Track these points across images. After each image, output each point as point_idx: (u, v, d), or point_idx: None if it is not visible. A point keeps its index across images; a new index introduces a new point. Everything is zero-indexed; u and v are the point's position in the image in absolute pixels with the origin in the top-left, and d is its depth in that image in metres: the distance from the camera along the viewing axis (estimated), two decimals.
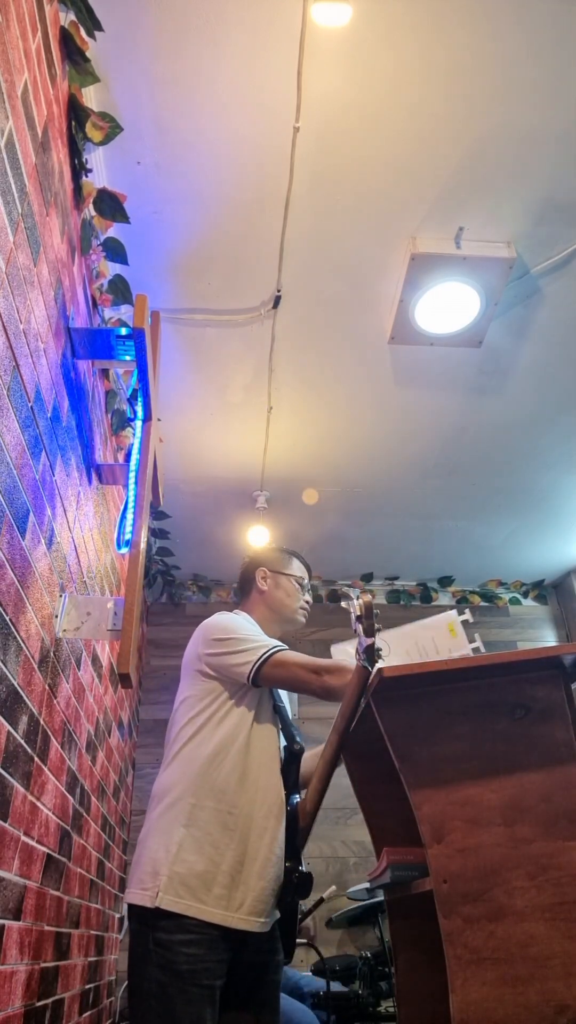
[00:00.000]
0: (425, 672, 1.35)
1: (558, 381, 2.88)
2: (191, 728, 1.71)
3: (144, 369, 1.94)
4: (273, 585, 2.00)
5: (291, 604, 1.98)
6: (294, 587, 2.00)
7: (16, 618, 1.41)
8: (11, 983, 1.45)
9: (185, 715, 1.75)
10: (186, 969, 1.47)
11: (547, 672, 1.34)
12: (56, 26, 1.62)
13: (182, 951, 1.48)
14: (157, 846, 1.58)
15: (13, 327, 1.33)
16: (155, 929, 1.50)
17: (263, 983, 1.64)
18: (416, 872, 1.40)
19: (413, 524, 3.93)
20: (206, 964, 1.49)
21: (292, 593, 2.00)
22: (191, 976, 1.47)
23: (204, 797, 1.61)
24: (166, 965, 1.47)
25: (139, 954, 1.52)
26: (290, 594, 1.99)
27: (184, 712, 1.76)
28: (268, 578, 2.01)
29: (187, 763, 1.66)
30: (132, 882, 1.58)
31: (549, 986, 1.14)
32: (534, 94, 1.92)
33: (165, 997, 1.46)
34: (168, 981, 1.46)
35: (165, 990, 1.46)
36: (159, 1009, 1.46)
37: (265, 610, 1.98)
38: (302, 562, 2.08)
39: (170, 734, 1.78)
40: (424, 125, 1.98)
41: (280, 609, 1.98)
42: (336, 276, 2.42)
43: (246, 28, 1.77)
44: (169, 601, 4.39)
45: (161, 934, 1.49)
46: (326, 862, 3.76)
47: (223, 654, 1.73)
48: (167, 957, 1.48)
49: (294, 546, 3.91)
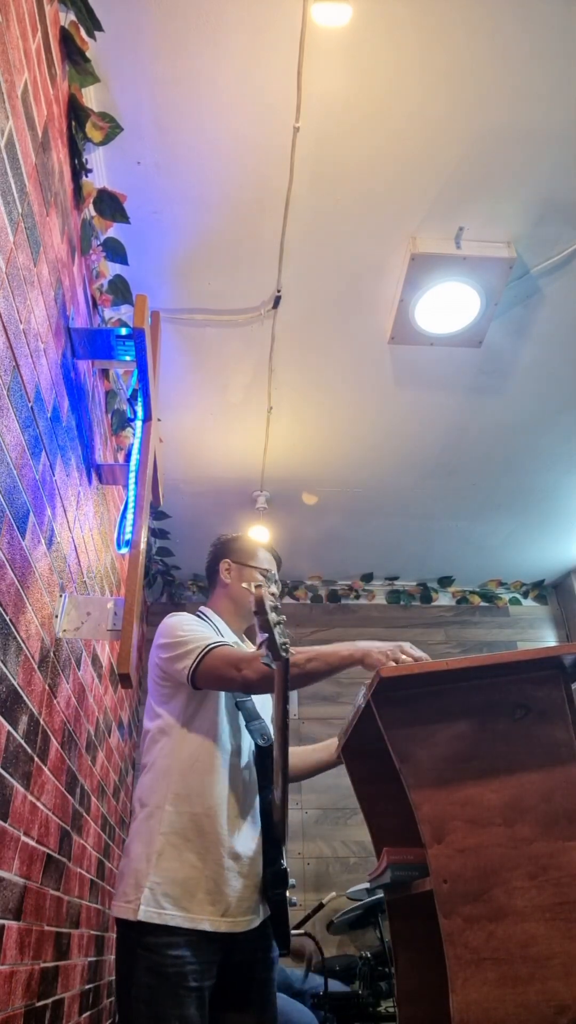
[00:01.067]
0: (425, 672, 1.35)
1: (558, 381, 2.88)
2: (160, 735, 1.71)
3: (144, 369, 1.94)
4: (237, 577, 1.92)
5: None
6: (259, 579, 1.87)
7: (16, 618, 1.41)
8: (11, 983, 1.45)
9: (152, 722, 1.74)
10: (173, 972, 1.47)
11: (547, 672, 1.34)
12: (56, 26, 1.62)
13: (168, 953, 1.48)
14: (139, 856, 1.58)
15: (13, 327, 1.33)
16: (142, 934, 1.50)
17: (255, 981, 1.64)
18: (416, 872, 1.40)
19: (413, 524, 3.93)
20: (193, 966, 1.49)
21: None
22: (178, 978, 1.47)
23: (179, 803, 1.61)
24: (153, 968, 1.47)
25: (126, 959, 1.52)
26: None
27: (151, 718, 1.75)
28: (232, 570, 1.94)
29: (160, 770, 1.66)
30: (117, 894, 1.58)
31: (549, 986, 1.14)
32: (534, 94, 1.92)
33: (153, 1001, 1.46)
34: (156, 984, 1.46)
35: (153, 994, 1.46)
36: (148, 1012, 1.45)
37: (229, 603, 1.92)
38: (270, 552, 1.99)
39: (143, 742, 1.77)
40: (424, 125, 1.98)
41: (244, 602, 1.89)
42: (336, 276, 2.42)
43: (246, 28, 1.77)
44: (169, 601, 4.39)
45: (148, 938, 1.50)
46: (326, 862, 3.75)
47: (168, 659, 1.71)
48: (154, 960, 1.48)
49: (294, 546, 3.93)
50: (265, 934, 1.67)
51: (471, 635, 4.50)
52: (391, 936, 1.68)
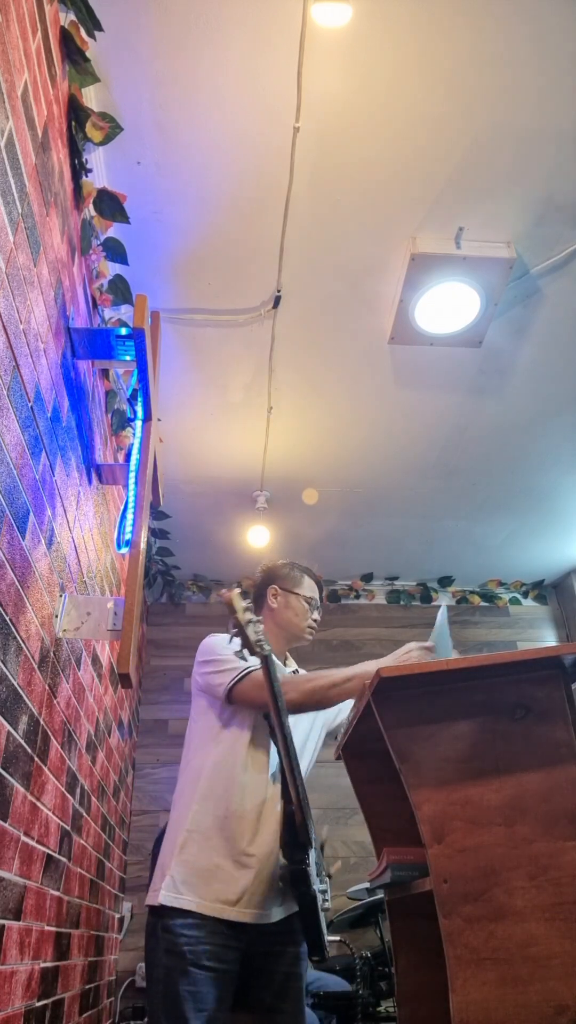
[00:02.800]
0: (425, 672, 1.35)
1: (558, 381, 2.88)
2: (195, 741, 1.88)
3: (144, 369, 1.95)
4: (283, 604, 2.05)
5: (299, 624, 2.03)
6: (303, 607, 2.04)
7: (16, 618, 1.41)
8: (11, 983, 1.45)
9: (190, 729, 1.92)
10: (188, 950, 1.60)
11: (547, 672, 1.34)
12: (56, 26, 1.62)
13: (183, 933, 1.62)
14: (167, 850, 1.76)
15: (13, 327, 1.33)
16: (162, 917, 1.66)
17: (276, 974, 1.73)
18: (416, 872, 1.40)
19: (413, 524, 3.93)
20: (207, 946, 1.61)
21: (301, 613, 2.04)
22: (193, 956, 1.59)
23: (205, 802, 1.76)
24: (170, 948, 1.61)
25: (151, 944, 1.67)
26: (299, 614, 2.04)
27: (190, 727, 1.93)
28: (279, 596, 2.06)
29: (192, 773, 1.82)
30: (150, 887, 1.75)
31: (549, 986, 1.14)
32: (534, 94, 1.92)
33: (169, 979, 1.58)
34: (173, 964, 1.59)
35: (170, 973, 1.59)
36: (164, 991, 1.57)
37: (274, 627, 2.04)
38: (313, 579, 2.12)
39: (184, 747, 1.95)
40: (424, 125, 1.98)
41: (288, 627, 2.04)
42: (336, 276, 2.42)
43: (246, 28, 1.77)
44: (169, 601, 4.39)
45: (167, 920, 1.64)
46: (327, 862, 3.75)
47: (206, 674, 1.87)
48: (171, 940, 1.62)
49: (294, 546, 3.93)
50: (290, 931, 1.75)
51: (471, 635, 4.50)
52: (391, 936, 1.68)
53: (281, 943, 1.75)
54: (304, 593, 2.06)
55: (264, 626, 2.01)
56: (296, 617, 2.03)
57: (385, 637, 4.32)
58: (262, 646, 1.61)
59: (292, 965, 1.75)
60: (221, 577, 4.37)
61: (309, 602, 2.05)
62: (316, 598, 2.09)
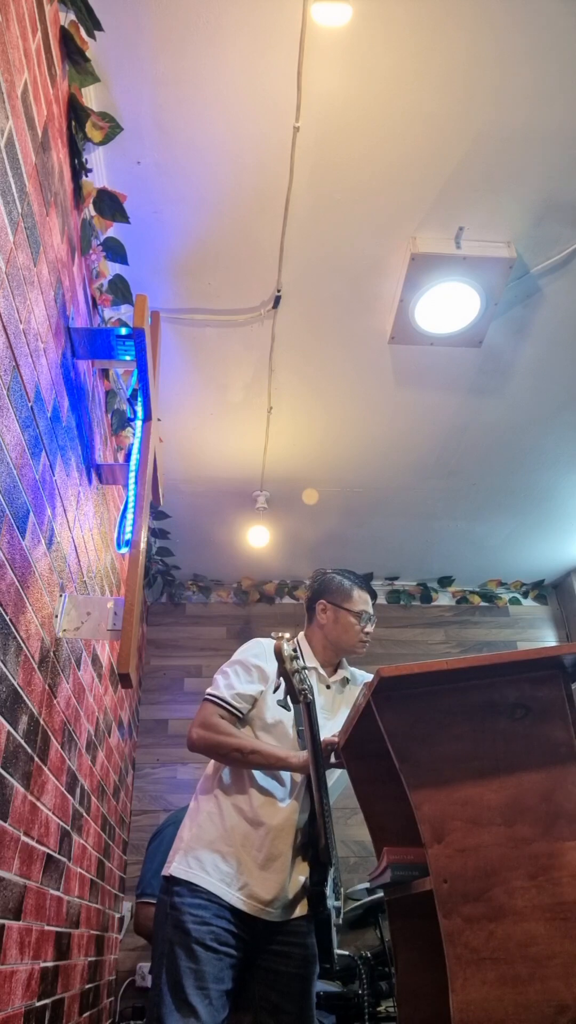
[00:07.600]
0: (425, 672, 1.35)
1: (558, 381, 2.88)
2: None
3: (144, 369, 1.94)
4: (332, 619, 2.04)
5: (349, 640, 2.03)
6: (352, 622, 2.03)
7: (16, 618, 1.41)
8: (11, 983, 1.45)
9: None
10: (193, 928, 1.66)
11: (547, 672, 1.34)
12: (56, 26, 1.62)
13: (190, 912, 1.69)
14: (186, 826, 1.86)
15: (13, 327, 1.33)
16: (172, 895, 1.73)
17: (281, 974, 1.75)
18: (416, 872, 1.40)
19: (413, 524, 3.93)
20: (211, 927, 1.67)
21: (350, 628, 2.03)
22: (197, 935, 1.65)
23: (229, 791, 1.85)
24: (177, 924, 1.68)
25: (160, 920, 1.75)
26: (348, 630, 2.03)
27: None
28: (328, 611, 2.06)
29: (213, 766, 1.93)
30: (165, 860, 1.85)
31: (549, 986, 1.14)
32: (533, 94, 1.92)
33: (172, 955, 1.64)
34: (177, 940, 1.66)
35: (173, 948, 1.66)
36: (168, 966, 1.63)
37: (323, 639, 2.06)
38: (365, 590, 2.09)
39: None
40: (424, 125, 1.98)
41: (337, 643, 2.04)
42: (336, 276, 2.42)
43: (246, 28, 1.77)
44: (169, 601, 4.39)
45: (175, 898, 1.72)
46: None
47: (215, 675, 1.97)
48: (177, 918, 1.69)
49: (294, 546, 3.93)
50: (302, 932, 1.79)
51: (471, 635, 4.49)
52: (391, 936, 1.68)
53: (290, 943, 1.78)
54: (353, 608, 2.03)
55: (313, 636, 2.09)
56: (345, 633, 2.02)
57: (385, 637, 4.31)
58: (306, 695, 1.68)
59: (300, 967, 1.77)
60: (221, 577, 4.38)
61: (359, 617, 2.02)
62: (368, 611, 2.05)
